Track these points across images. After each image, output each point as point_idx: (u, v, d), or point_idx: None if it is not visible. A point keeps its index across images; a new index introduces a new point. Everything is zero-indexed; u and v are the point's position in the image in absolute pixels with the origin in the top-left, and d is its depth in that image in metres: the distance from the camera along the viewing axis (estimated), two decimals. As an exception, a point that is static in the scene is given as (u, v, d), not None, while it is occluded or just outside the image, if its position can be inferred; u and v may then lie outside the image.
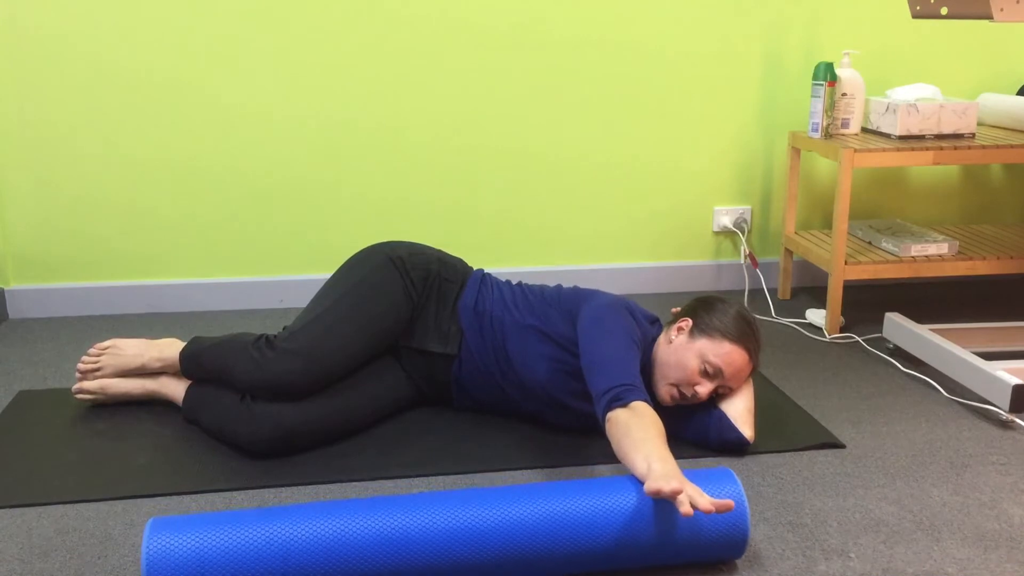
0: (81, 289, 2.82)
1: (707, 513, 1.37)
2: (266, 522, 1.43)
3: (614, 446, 1.62)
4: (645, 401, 1.68)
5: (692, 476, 1.55)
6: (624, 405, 1.66)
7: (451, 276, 2.09)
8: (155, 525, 1.42)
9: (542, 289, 2.09)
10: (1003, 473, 1.88)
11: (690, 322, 1.93)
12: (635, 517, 1.49)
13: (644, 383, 1.91)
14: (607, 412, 1.67)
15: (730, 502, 1.40)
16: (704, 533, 1.50)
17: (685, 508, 1.37)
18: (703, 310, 1.94)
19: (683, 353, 1.89)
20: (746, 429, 1.92)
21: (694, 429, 1.95)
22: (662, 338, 1.96)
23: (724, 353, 1.87)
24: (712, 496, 1.51)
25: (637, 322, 1.93)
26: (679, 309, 2.02)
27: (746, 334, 1.90)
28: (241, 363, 1.92)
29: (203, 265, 2.86)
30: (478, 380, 2.05)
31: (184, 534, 1.40)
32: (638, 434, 1.57)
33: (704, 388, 1.88)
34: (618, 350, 1.79)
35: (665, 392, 1.91)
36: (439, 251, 2.16)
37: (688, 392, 1.89)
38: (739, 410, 1.92)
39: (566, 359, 1.95)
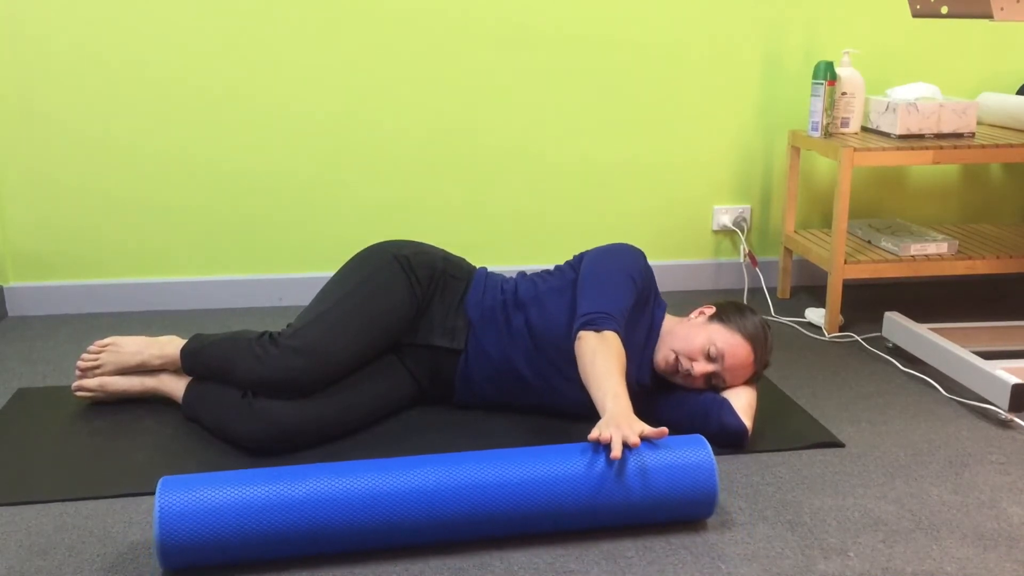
0: (80, 287, 2.82)
1: (634, 446, 1.55)
2: (275, 480, 1.51)
3: (580, 369, 1.78)
4: (617, 332, 1.81)
5: (666, 442, 1.64)
6: (597, 330, 1.80)
7: (456, 273, 2.11)
8: (167, 483, 1.49)
9: (546, 270, 2.15)
10: (1002, 472, 1.88)
11: (713, 309, 2.01)
12: (601, 476, 1.58)
13: (648, 350, 2.00)
14: (579, 331, 1.83)
15: (663, 429, 1.59)
16: (673, 489, 1.60)
17: (615, 452, 1.53)
18: (730, 306, 2.02)
19: (695, 329, 1.96)
20: (746, 420, 1.92)
21: (695, 412, 1.96)
22: (680, 317, 2.05)
23: (732, 343, 1.92)
24: (682, 460, 1.61)
25: (643, 262, 2.02)
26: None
27: (759, 338, 1.95)
28: (244, 360, 1.92)
29: (203, 263, 2.86)
30: (487, 372, 2.05)
31: (195, 489, 1.48)
32: (602, 366, 1.73)
33: (700, 367, 1.92)
34: (611, 282, 1.91)
35: (662, 357, 1.97)
36: (442, 250, 2.17)
37: (684, 365, 1.93)
38: (741, 403, 1.94)
39: None
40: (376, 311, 2.00)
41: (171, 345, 2.10)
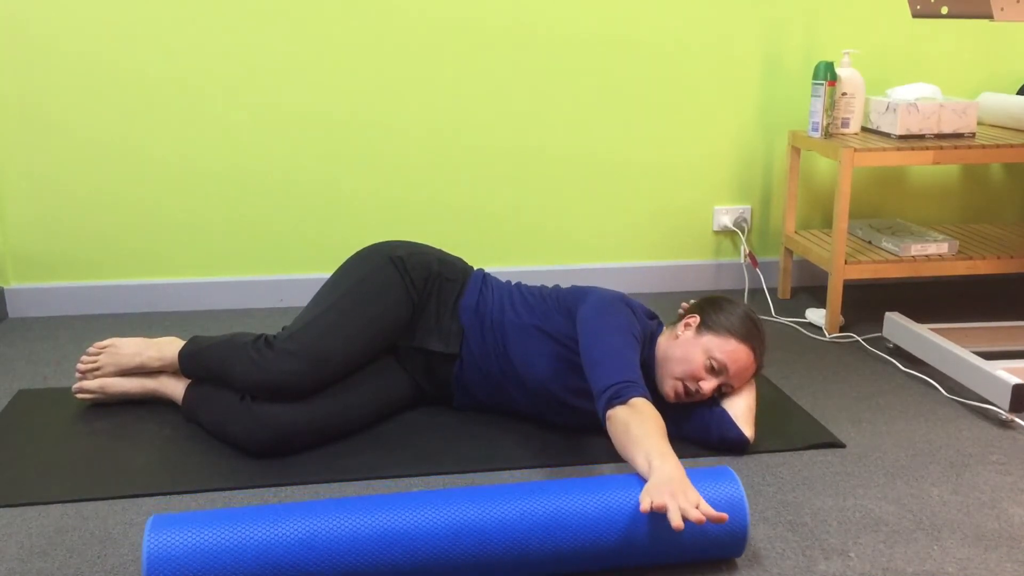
0: (81, 288, 2.82)
1: (699, 523, 1.38)
2: (266, 519, 1.43)
3: (615, 444, 1.64)
4: (645, 397, 1.69)
5: (692, 475, 1.55)
6: (623, 402, 1.67)
7: (452, 275, 2.10)
8: (156, 522, 1.42)
9: (541, 290, 2.10)
10: (1003, 473, 1.88)
11: (697, 319, 1.94)
12: (631, 516, 1.49)
13: (646, 378, 1.93)
14: (607, 410, 1.69)
15: (724, 515, 1.41)
16: (702, 532, 1.51)
17: (676, 523, 1.38)
18: (711, 308, 1.95)
19: (689, 348, 1.90)
20: (747, 428, 1.92)
21: (695, 427, 1.95)
22: (668, 333, 1.97)
23: (730, 350, 1.88)
24: (712, 494, 1.51)
25: (636, 316, 1.94)
26: (688, 305, 2.03)
27: (752, 334, 1.91)
28: (240, 363, 1.92)
29: (203, 264, 2.86)
30: (479, 379, 2.05)
31: (185, 531, 1.40)
32: (637, 431, 1.59)
33: (708, 384, 1.89)
34: (617, 345, 1.80)
35: (670, 387, 1.91)
36: (439, 250, 2.16)
37: (692, 387, 1.89)
38: (741, 409, 1.93)
39: (567, 356, 1.96)
40: (372, 313, 1.99)
41: (170, 346, 2.10)
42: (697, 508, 1.41)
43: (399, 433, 2.03)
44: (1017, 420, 2.09)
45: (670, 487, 1.44)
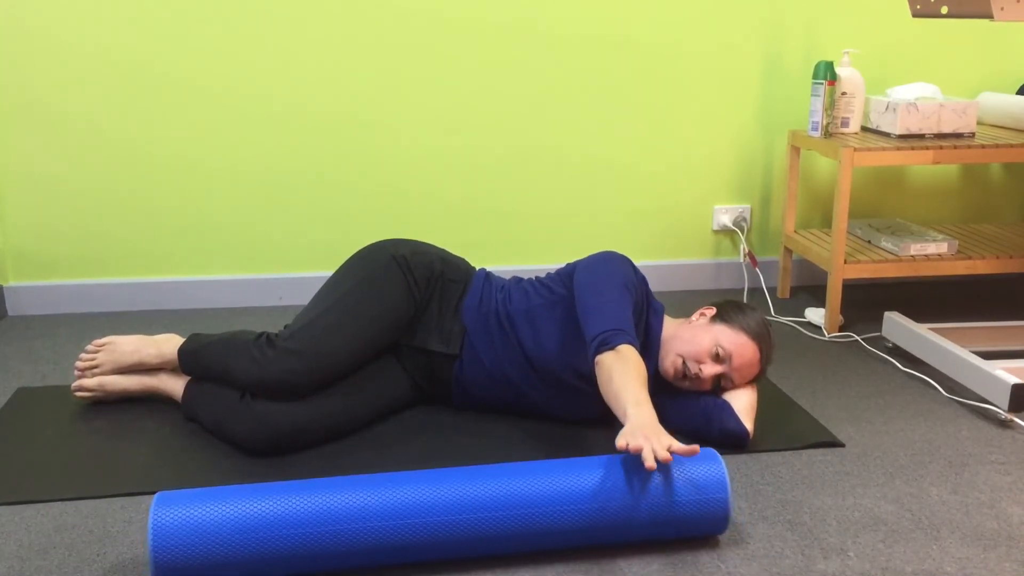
0: (80, 286, 2.82)
1: (665, 462, 1.47)
2: (272, 495, 1.47)
3: (601, 391, 1.73)
4: (631, 344, 1.76)
5: (676, 460, 1.59)
6: (611, 348, 1.75)
7: (454, 276, 2.10)
8: (161, 499, 1.45)
9: (539, 278, 2.13)
10: (1002, 472, 1.88)
11: (714, 310, 1.99)
12: (608, 491, 1.54)
13: (647, 359, 1.98)
14: (595, 357, 1.77)
15: (695, 447, 1.50)
16: (684, 504, 1.55)
17: (649, 463, 1.46)
18: (730, 306, 2.00)
19: (699, 332, 1.95)
20: (748, 422, 1.92)
21: (696, 415, 1.95)
22: (680, 320, 2.03)
23: (739, 343, 1.91)
24: (694, 474, 1.57)
25: (633, 270, 1.99)
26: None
27: (763, 337, 1.95)
28: (241, 361, 1.92)
29: (203, 262, 2.86)
30: (482, 379, 2.05)
31: (190, 506, 1.44)
32: (619, 380, 1.68)
33: (708, 369, 1.91)
34: (609, 295, 1.87)
35: (670, 363, 1.95)
36: (441, 250, 2.16)
37: (692, 369, 1.91)
38: (742, 404, 1.94)
39: (574, 318, 1.99)
40: (373, 312, 1.99)
41: (169, 344, 2.10)
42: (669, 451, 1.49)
43: (398, 431, 2.03)
44: (1016, 420, 2.09)
45: (644, 431, 1.52)
